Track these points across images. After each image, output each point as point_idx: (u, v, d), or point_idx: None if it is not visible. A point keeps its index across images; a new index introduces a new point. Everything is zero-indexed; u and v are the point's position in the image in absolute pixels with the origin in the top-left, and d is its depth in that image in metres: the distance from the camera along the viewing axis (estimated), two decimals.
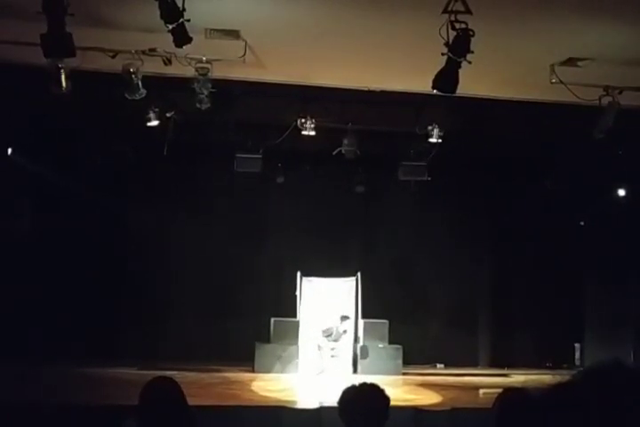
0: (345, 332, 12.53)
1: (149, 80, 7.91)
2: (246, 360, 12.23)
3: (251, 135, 11.52)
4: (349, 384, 3.47)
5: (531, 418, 3.26)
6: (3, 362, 10.20)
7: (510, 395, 3.56)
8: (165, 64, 7.71)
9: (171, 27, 6.00)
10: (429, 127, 10.50)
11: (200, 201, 13.46)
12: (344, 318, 12.54)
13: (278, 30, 7.03)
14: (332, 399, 7.75)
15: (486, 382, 11.51)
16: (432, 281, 14.15)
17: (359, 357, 12.51)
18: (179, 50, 6.61)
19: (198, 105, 8.35)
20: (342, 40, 7.20)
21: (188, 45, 6.31)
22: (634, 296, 12.93)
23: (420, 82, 6.93)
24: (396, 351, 12.47)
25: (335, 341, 12.49)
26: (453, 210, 14.05)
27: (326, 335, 12.45)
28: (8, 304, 11.49)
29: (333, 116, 10.54)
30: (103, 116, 10.47)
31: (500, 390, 3.63)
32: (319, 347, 12.46)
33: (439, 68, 6.28)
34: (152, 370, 9.00)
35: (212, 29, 6.96)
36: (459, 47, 5.97)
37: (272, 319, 12.53)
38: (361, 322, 12.73)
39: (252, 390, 10.39)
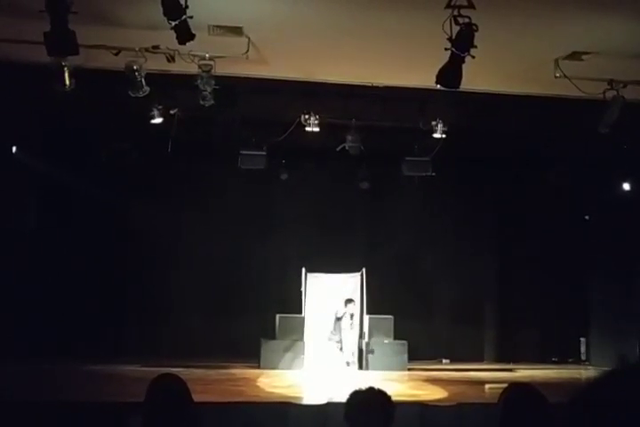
0: (352, 316, 12.50)
1: (153, 77, 7.91)
2: (252, 357, 12.24)
3: (254, 132, 11.51)
4: (357, 388, 3.45)
5: (536, 413, 3.26)
6: (7, 361, 10.23)
7: (516, 390, 3.56)
8: (169, 61, 7.72)
9: (174, 24, 6.01)
10: (433, 122, 10.47)
11: (204, 198, 13.46)
12: (348, 301, 12.46)
13: (281, 27, 7.03)
14: (338, 395, 7.78)
15: (492, 377, 11.50)
16: (437, 276, 14.14)
17: (365, 352, 12.51)
18: (182, 47, 6.61)
19: (202, 102, 8.35)
20: (345, 36, 7.19)
21: (192, 42, 6.32)
22: (639, 290, 12.91)
23: (424, 77, 6.93)
24: (401, 347, 12.48)
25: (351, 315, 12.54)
26: (458, 205, 14.04)
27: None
28: (11, 303, 11.52)
29: (337, 113, 10.52)
30: (106, 113, 10.47)
31: (505, 386, 3.63)
32: (337, 312, 12.43)
33: (443, 63, 6.27)
34: (157, 367, 9.00)
35: (214, 26, 6.97)
36: (462, 42, 5.97)
37: (277, 315, 12.54)
38: (366, 318, 12.73)
39: (257, 387, 10.40)
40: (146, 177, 13.17)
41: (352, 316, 12.54)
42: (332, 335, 12.27)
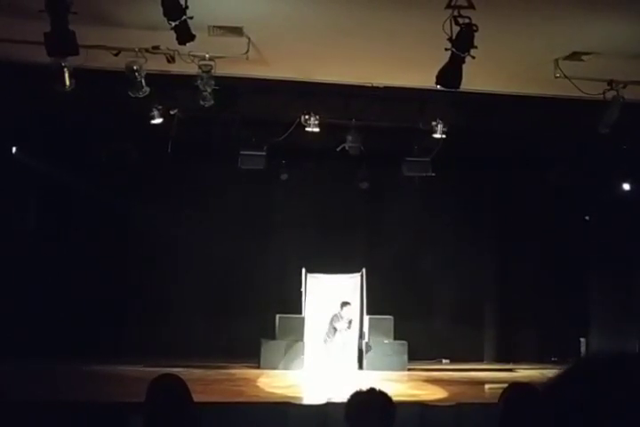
0: (350, 323, 12.33)
1: (153, 78, 7.91)
2: (252, 357, 12.24)
3: (254, 132, 11.51)
4: (357, 388, 3.45)
5: (536, 413, 3.27)
6: (7, 361, 10.23)
7: (516, 390, 3.57)
8: (169, 61, 7.73)
9: (174, 24, 6.01)
10: (433, 123, 10.46)
11: (204, 198, 13.45)
12: (345, 303, 12.30)
13: (281, 27, 7.03)
14: (338, 396, 7.78)
15: (492, 377, 11.50)
16: (437, 276, 14.13)
17: (364, 352, 12.50)
18: (182, 47, 6.61)
19: (202, 102, 8.36)
20: (345, 36, 7.20)
21: (192, 43, 6.31)
22: (639, 290, 12.92)
23: (424, 77, 6.93)
24: (401, 347, 12.48)
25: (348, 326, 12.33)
26: (458, 205, 14.03)
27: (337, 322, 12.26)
28: (11, 303, 11.52)
29: (337, 113, 10.52)
30: (106, 114, 10.47)
31: (505, 385, 3.63)
32: (333, 321, 12.23)
33: (443, 63, 6.27)
34: (158, 367, 9.01)
35: (215, 26, 6.97)
36: (462, 42, 5.97)
37: (277, 316, 12.53)
38: (366, 318, 12.72)
39: (257, 387, 10.40)
40: (146, 177, 13.17)
41: (350, 324, 12.35)
42: (327, 337, 12.19)
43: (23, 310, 11.73)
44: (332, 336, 11.99)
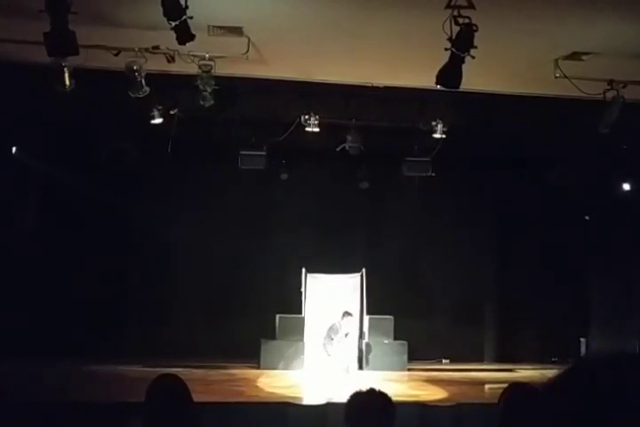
0: (347, 335, 12.19)
1: (153, 78, 7.91)
2: (252, 357, 12.25)
3: (254, 132, 11.51)
4: (357, 389, 3.44)
5: (536, 413, 3.27)
6: (7, 361, 10.22)
7: (516, 390, 3.56)
8: (169, 61, 7.73)
9: (174, 24, 6.01)
10: (433, 123, 10.47)
11: (204, 198, 13.46)
12: (346, 314, 12.20)
13: (281, 27, 7.03)
14: (338, 396, 7.78)
15: (492, 377, 11.50)
16: (437, 276, 14.14)
17: (364, 353, 12.50)
18: (182, 47, 6.60)
19: (202, 102, 8.36)
20: (345, 36, 7.20)
21: (192, 42, 6.31)
22: (639, 290, 12.91)
23: (424, 77, 6.93)
24: (401, 347, 12.48)
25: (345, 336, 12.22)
26: (458, 205, 14.03)
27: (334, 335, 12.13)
28: (11, 302, 11.52)
29: (337, 113, 10.53)
30: (106, 113, 10.47)
31: (505, 386, 3.63)
32: (332, 330, 12.10)
33: (443, 63, 6.27)
34: (157, 367, 9.01)
35: (214, 26, 6.97)
36: (462, 42, 5.97)
37: (277, 316, 12.54)
38: (366, 318, 12.72)
39: (257, 387, 10.40)
40: (146, 177, 13.17)
41: (346, 336, 12.10)
42: (325, 341, 12.12)
43: (23, 309, 11.73)
44: (330, 346, 11.93)
